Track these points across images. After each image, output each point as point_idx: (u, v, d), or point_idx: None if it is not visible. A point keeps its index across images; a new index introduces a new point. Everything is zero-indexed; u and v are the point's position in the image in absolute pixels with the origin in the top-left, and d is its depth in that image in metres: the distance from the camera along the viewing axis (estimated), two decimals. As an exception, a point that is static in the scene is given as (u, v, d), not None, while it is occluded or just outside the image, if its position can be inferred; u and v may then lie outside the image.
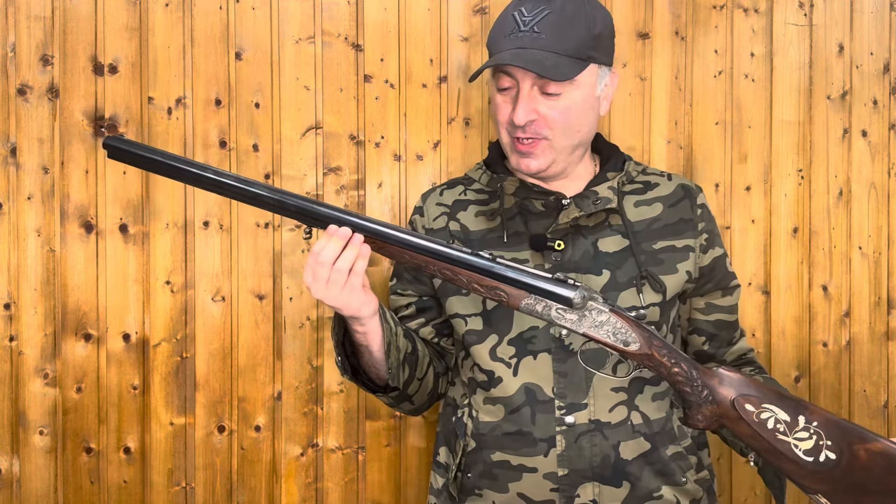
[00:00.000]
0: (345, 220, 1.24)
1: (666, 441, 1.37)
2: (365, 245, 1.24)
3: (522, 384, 1.36)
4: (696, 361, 1.30)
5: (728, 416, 1.27)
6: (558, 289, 1.24)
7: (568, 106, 1.36)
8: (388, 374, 1.34)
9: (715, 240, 1.46)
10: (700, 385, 1.26)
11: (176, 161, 1.23)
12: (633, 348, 1.26)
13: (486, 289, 1.25)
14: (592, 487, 1.34)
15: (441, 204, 1.49)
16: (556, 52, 1.33)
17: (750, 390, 1.27)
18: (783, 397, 1.27)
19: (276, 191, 1.24)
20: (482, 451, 1.38)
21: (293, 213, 1.24)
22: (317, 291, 1.24)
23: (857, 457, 1.23)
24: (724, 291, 1.48)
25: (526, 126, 1.36)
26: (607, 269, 1.38)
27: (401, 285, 1.50)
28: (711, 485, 1.44)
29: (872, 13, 2.01)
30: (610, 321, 1.26)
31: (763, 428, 1.25)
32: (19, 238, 1.76)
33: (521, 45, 1.33)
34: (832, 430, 1.24)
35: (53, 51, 1.76)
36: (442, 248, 1.25)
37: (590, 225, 1.41)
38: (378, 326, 1.31)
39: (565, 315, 1.25)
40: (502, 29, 1.38)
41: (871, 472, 1.22)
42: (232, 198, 1.24)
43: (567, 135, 1.38)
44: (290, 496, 1.83)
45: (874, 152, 2.01)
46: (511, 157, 1.42)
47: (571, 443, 1.34)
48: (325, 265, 1.22)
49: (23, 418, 1.76)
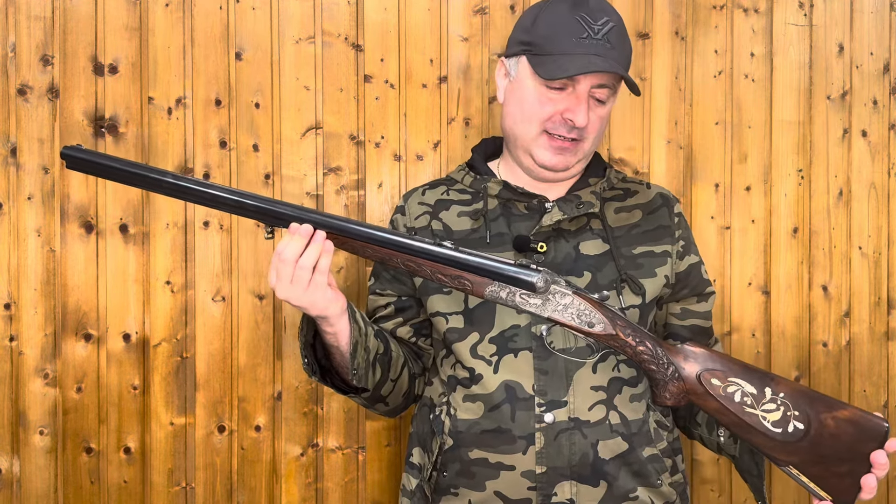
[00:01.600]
0: (306, 217, 1.25)
1: (643, 442, 1.38)
2: (328, 241, 1.24)
3: (503, 381, 1.37)
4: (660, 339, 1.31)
5: (695, 391, 1.27)
6: (520, 273, 1.26)
7: (606, 115, 1.43)
8: (353, 375, 1.34)
9: (691, 247, 1.50)
10: (665, 362, 1.28)
11: (134, 168, 1.25)
12: (597, 329, 1.28)
13: (450, 278, 1.27)
14: (570, 486, 1.35)
15: (423, 203, 1.50)
16: (623, 65, 1.39)
17: (715, 364, 1.27)
18: (749, 370, 1.27)
19: (235, 192, 1.25)
20: (460, 449, 1.39)
21: (253, 214, 1.25)
22: (281, 291, 1.24)
23: (826, 425, 1.23)
24: (700, 297, 1.50)
25: (581, 127, 1.38)
26: (588, 271, 1.40)
27: (379, 285, 1.51)
28: (685, 489, 1.46)
29: (872, 13, 2.01)
30: (573, 304, 1.28)
31: (730, 402, 1.25)
32: (19, 238, 1.76)
33: (598, 53, 1.35)
34: (799, 401, 1.24)
35: (53, 51, 1.76)
36: (403, 239, 1.26)
37: (572, 229, 1.43)
38: (347, 327, 1.31)
39: (529, 300, 1.27)
40: (567, 29, 1.37)
41: (840, 439, 1.23)
42: (192, 201, 1.26)
43: (596, 141, 1.44)
44: (290, 496, 1.83)
45: (874, 152, 2.01)
46: (536, 152, 1.42)
47: (550, 440, 1.35)
48: (288, 263, 1.23)
49: (23, 418, 1.76)
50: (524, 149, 1.43)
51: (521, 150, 1.44)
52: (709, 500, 1.95)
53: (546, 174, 1.44)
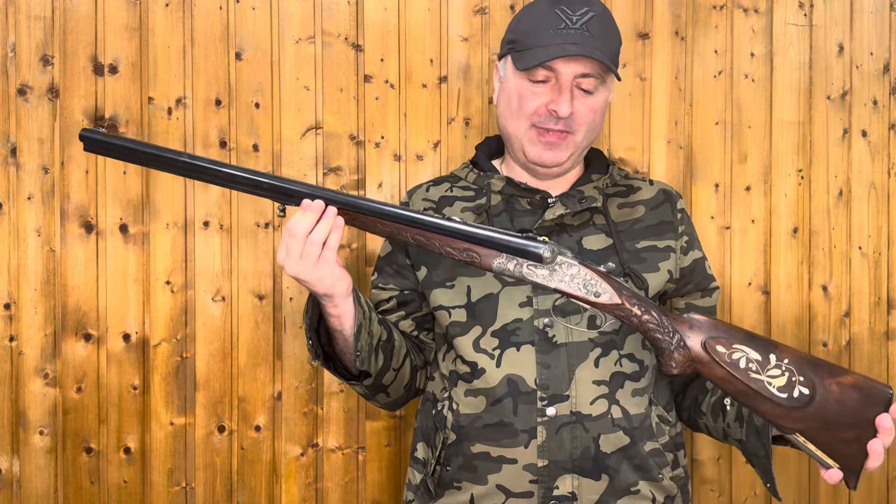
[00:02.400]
0: (318, 194, 1.26)
1: (644, 437, 1.39)
2: (339, 218, 1.26)
3: (505, 375, 1.37)
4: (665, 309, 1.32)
5: (700, 359, 1.28)
6: (528, 245, 1.27)
7: (597, 106, 1.42)
8: (356, 357, 1.35)
9: (694, 243, 1.50)
10: (671, 330, 1.29)
11: (150, 149, 1.27)
12: (603, 299, 1.29)
13: (459, 251, 1.28)
14: (571, 479, 1.36)
15: (427, 199, 1.51)
16: (605, 54, 1.38)
17: (719, 332, 1.28)
18: (752, 337, 1.28)
19: (249, 171, 1.28)
20: (462, 444, 1.40)
21: (267, 192, 1.28)
22: (290, 267, 1.26)
23: (830, 391, 1.23)
24: (704, 293, 1.51)
25: (564, 118, 1.39)
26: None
27: (381, 279, 1.52)
28: (686, 483, 1.47)
29: (872, 13, 2.01)
30: (580, 274, 1.29)
31: (735, 368, 1.26)
32: (19, 238, 1.76)
33: (575, 42, 1.37)
34: (803, 366, 1.25)
35: (53, 51, 1.76)
36: (414, 214, 1.28)
37: (574, 223, 1.44)
38: (351, 308, 1.33)
39: (536, 271, 1.28)
40: (545, 22, 1.40)
41: (845, 405, 1.23)
42: (207, 181, 1.28)
43: (588, 134, 1.44)
44: (290, 496, 1.83)
45: (874, 152, 2.01)
46: (528, 149, 1.43)
47: (552, 434, 1.35)
48: (298, 238, 1.24)
49: (23, 418, 1.76)
50: (518, 146, 1.45)
51: (515, 148, 1.46)
52: (709, 499, 1.95)
53: (540, 171, 1.45)
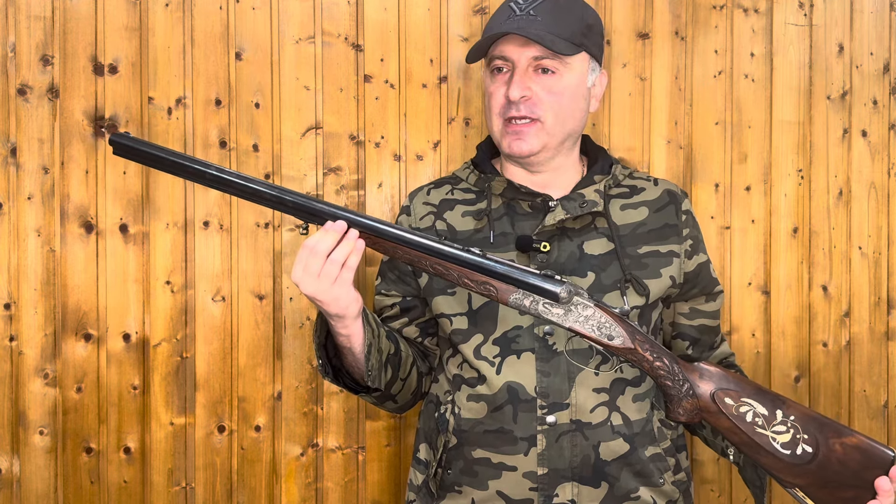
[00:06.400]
0: (341, 215, 1.26)
1: (646, 442, 1.39)
2: (360, 240, 1.26)
3: (505, 382, 1.37)
4: (676, 356, 1.32)
5: (708, 409, 1.29)
6: (545, 284, 1.27)
7: (562, 88, 1.39)
8: (368, 376, 1.35)
9: (699, 246, 1.49)
10: (681, 379, 1.29)
11: (179, 158, 1.27)
12: (616, 343, 1.29)
13: (476, 283, 1.28)
14: (571, 487, 1.36)
15: (428, 203, 1.50)
16: (552, 32, 1.37)
17: (729, 384, 1.29)
18: (761, 391, 1.29)
19: (274, 187, 1.28)
20: (463, 448, 1.40)
21: (291, 209, 1.27)
22: (307, 286, 1.25)
23: (834, 450, 1.25)
24: (708, 297, 1.51)
25: (520, 103, 1.38)
26: (592, 271, 1.40)
27: (384, 285, 1.52)
28: (688, 487, 1.46)
29: (872, 13, 2.01)
30: (595, 316, 1.29)
31: (742, 421, 1.27)
32: (19, 238, 1.76)
33: (519, 27, 1.37)
34: (809, 424, 1.27)
35: (53, 51, 1.76)
36: (434, 243, 1.28)
37: (576, 227, 1.43)
38: (360, 329, 1.33)
39: (552, 309, 1.28)
40: (498, 18, 1.42)
41: (847, 465, 1.25)
42: (233, 194, 1.28)
43: (558, 119, 1.41)
44: (290, 496, 1.83)
45: (874, 152, 2.01)
46: (503, 143, 1.43)
47: (552, 442, 1.35)
48: (319, 256, 1.24)
49: (23, 418, 1.76)
50: (497, 142, 1.45)
51: (499, 146, 1.46)
52: (709, 499, 1.95)
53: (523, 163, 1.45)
